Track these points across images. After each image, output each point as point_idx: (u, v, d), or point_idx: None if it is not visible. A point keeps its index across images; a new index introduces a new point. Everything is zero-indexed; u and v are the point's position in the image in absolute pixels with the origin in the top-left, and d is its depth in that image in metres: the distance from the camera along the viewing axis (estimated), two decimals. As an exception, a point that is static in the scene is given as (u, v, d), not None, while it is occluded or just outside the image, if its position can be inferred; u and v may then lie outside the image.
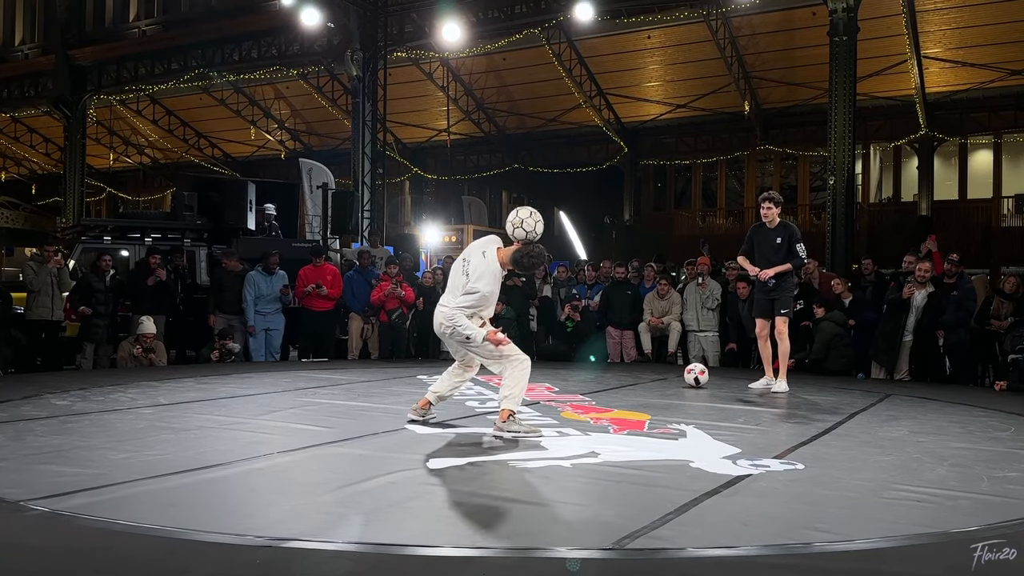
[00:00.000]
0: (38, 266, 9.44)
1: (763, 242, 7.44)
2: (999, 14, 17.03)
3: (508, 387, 4.97)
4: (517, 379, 4.96)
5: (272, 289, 10.35)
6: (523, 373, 4.99)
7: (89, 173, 25.34)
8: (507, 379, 4.98)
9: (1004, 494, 3.71)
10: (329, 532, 2.98)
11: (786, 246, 7.30)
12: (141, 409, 5.85)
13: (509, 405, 4.95)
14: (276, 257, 10.48)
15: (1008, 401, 7.18)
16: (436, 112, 23.98)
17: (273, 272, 10.40)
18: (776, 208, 7.39)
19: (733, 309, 10.14)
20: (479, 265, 4.97)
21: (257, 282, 10.27)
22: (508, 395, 4.96)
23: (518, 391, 4.98)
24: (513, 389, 4.96)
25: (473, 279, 4.94)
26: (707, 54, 19.62)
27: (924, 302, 8.92)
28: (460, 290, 5.01)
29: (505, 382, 4.99)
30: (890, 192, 22.87)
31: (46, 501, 3.30)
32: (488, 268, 4.95)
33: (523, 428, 4.93)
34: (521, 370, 4.98)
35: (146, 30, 21.80)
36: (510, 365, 4.98)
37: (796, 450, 4.66)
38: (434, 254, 20.12)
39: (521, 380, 4.98)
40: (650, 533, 2.99)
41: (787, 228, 7.41)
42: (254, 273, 10.34)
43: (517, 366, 4.98)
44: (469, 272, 5.00)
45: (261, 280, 10.30)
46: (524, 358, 5.05)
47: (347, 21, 17.38)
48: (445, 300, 5.11)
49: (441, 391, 5.37)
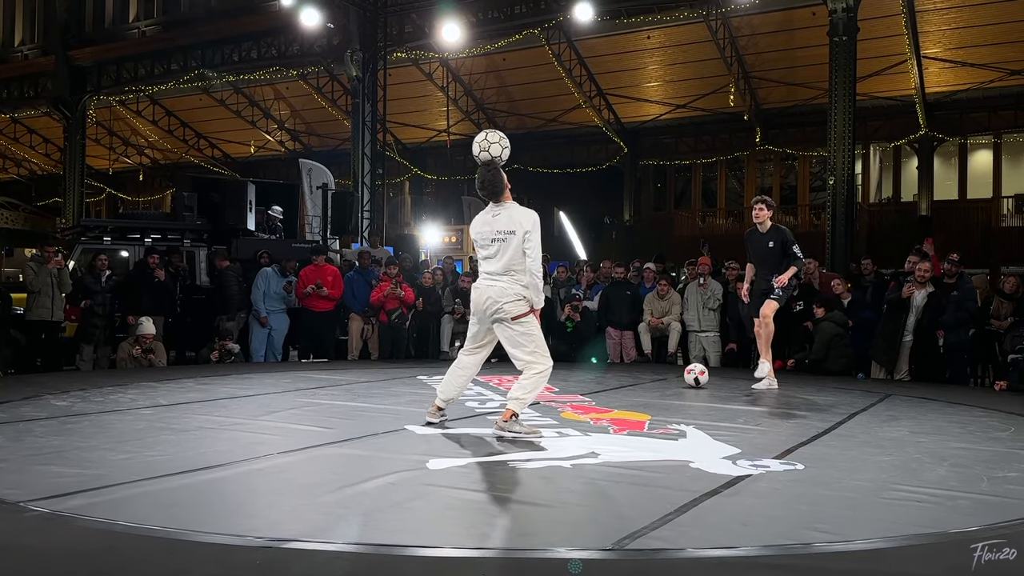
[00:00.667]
0: (38, 267, 9.44)
1: (756, 246, 7.53)
2: (999, 14, 17.04)
3: (521, 389, 4.90)
4: (533, 386, 4.91)
5: (279, 287, 10.52)
6: (541, 381, 4.95)
7: (89, 174, 25.34)
8: (523, 381, 4.92)
9: (1004, 494, 3.71)
10: (329, 533, 2.98)
11: (779, 249, 7.36)
12: (141, 410, 5.84)
13: (515, 407, 4.91)
14: (293, 261, 10.80)
15: (1008, 401, 7.17)
16: (436, 112, 23.98)
17: (289, 274, 10.64)
18: (768, 211, 7.48)
19: (733, 309, 10.15)
20: (535, 237, 4.88)
21: (269, 279, 10.43)
22: (518, 397, 4.90)
23: (528, 397, 4.93)
24: (525, 394, 4.91)
25: (533, 255, 4.86)
26: (707, 54, 19.63)
27: (924, 302, 8.92)
28: (519, 265, 4.86)
29: (520, 382, 4.93)
30: (890, 192, 22.88)
31: (46, 502, 3.29)
32: (536, 224, 4.90)
33: (524, 429, 4.91)
34: (540, 377, 4.93)
35: (146, 31, 21.81)
36: (533, 368, 4.90)
37: (796, 450, 4.65)
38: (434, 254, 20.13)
39: (537, 388, 4.95)
40: (650, 533, 2.99)
41: (779, 231, 7.49)
42: (268, 270, 10.50)
43: (539, 371, 4.91)
44: (527, 250, 4.85)
45: (274, 278, 10.45)
46: (549, 364, 4.97)
47: (347, 21, 17.39)
48: (496, 277, 4.91)
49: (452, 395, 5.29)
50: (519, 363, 4.98)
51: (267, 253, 11.17)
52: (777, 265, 7.37)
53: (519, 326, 4.91)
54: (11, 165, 31.94)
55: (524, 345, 4.92)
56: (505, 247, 4.89)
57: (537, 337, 4.95)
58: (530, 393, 4.93)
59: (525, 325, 4.92)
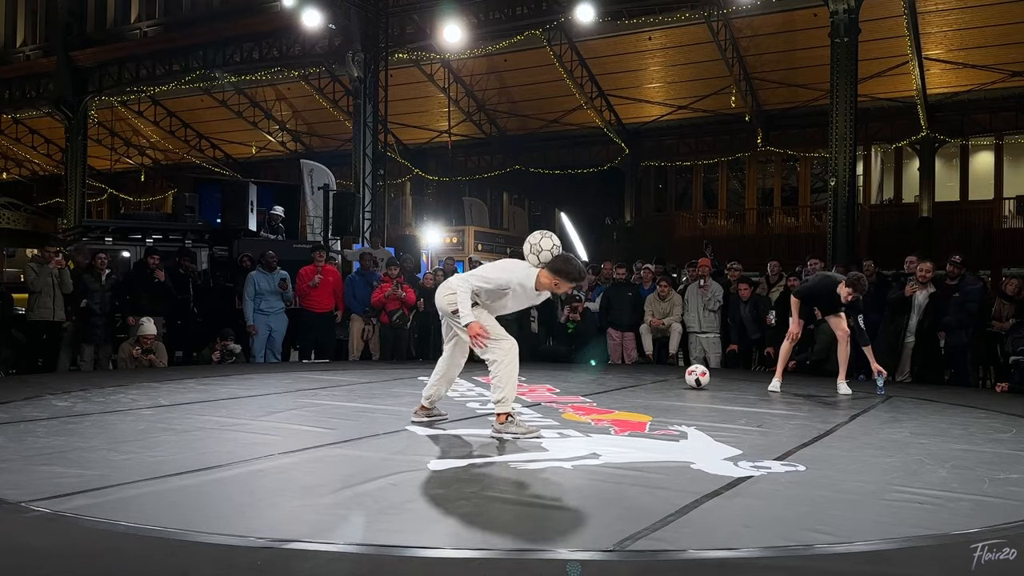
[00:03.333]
0: (39, 267, 9.44)
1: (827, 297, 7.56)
2: (1000, 15, 17.03)
3: (498, 389, 4.90)
4: (505, 379, 4.87)
5: (272, 285, 10.44)
6: (511, 370, 4.88)
7: (90, 174, 25.34)
8: (495, 380, 4.91)
9: (1005, 496, 3.70)
10: (330, 533, 2.98)
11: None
12: (142, 410, 5.85)
13: (503, 408, 4.92)
14: (274, 255, 10.63)
15: (1009, 403, 7.17)
16: (437, 113, 23.98)
17: (273, 270, 10.50)
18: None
19: (735, 311, 10.15)
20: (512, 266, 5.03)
21: (257, 280, 10.35)
22: (500, 399, 4.91)
23: (509, 391, 4.91)
24: (504, 391, 4.89)
25: (496, 270, 5.00)
26: (708, 56, 19.62)
27: (926, 302, 8.92)
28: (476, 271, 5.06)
29: (494, 383, 4.92)
30: (891, 194, 22.87)
31: (47, 502, 3.30)
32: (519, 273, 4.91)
33: (521, 429, 4.90)
34: (508, 367, 4.87)
35: (147, 31, 21.81)
36: (495, 361, 4.87)
37: (797, 452, 4.65)
38: (435, 255, 20.14)
39: (510, 379, 4.89)
40: (651, 535, 2.99)
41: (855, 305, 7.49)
42: (254, 272, 10.42)
43: (504, 362, 4.86)
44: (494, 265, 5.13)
45: (261, 278, 10.38)
46: (509, 348, 4.90)
47: (348, 22, 17.39)
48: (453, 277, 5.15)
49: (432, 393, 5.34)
50: (479, 353, 4.99)
51: (247, 257, 11.10)
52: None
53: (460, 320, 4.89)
54: (12, 166, 31.95)
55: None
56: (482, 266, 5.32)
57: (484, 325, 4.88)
58: (505, 387, 4.88)
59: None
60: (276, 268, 10.54)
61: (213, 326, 10.39)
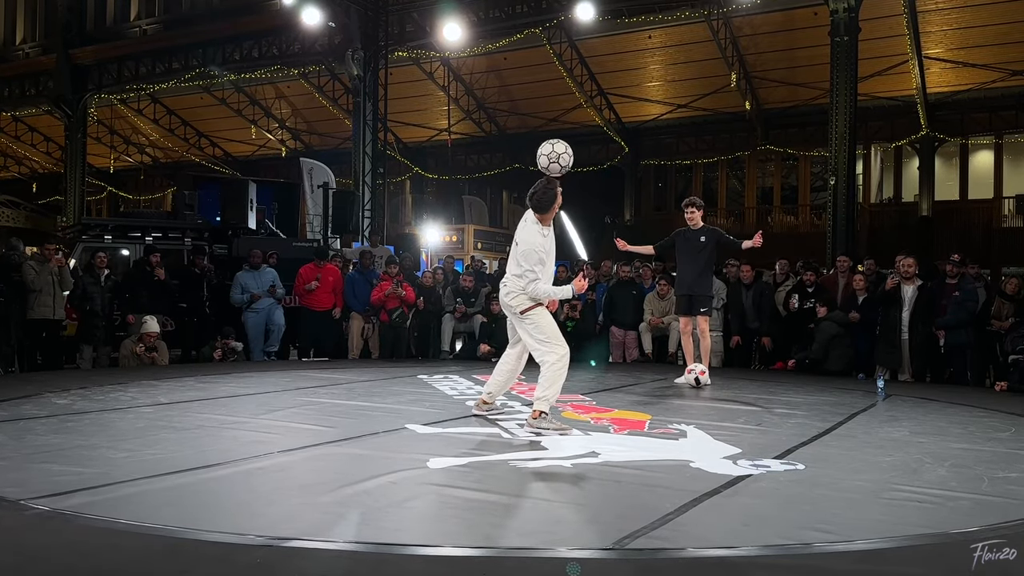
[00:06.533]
0: (39, 265, 9.43)
1: (687, 244, 7.85)
2: (1000, 15, 17.04)
3: (543, 387, 5.11)
4: (552, 381, 5.11)
5: (261, 285, 10.43)
6: (559, 374, 5.13)
7: (90, 172, 25.37)
8: (543, 379, 5.13)
9: (1005, 495, 3.71)
10: (329, 532, 2.98)
11: (711, 245, 7.74)
12: (141, 408, 5.85)
13: (541, 406, 5.09)
14: (259, 254, 10.68)
15: (1009, 402, 7.17)
16: (437, 112, 23.98)
17: (258, 267, 10.50)
18: (699, 212, 7.86)
19: (735, 301, 10.17)
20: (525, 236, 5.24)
21: (244, 281, 10.35)
22: (542, 396, 5.11)
23: (551, 393, 5.12)
24: (548, 391, 5.10)
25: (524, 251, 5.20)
26: (708, 54, 19.63)
27: (915, 296, 8.93)
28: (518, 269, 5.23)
29: (541, 382, 5.15)
30: (891, 192, 22.87)
31: (46, 500, 3.30)
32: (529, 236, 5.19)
33: (553, 426, 5.05)
34: (555, 368, 5.11)
35: (147, 29, 21.82)
36: (546, 359, 5.13)
37: (797, 450, 4.65)
38: (435, 254, 20.12)
39: (556, 382, 5.13)
40: (650, 533, 2.99)
41: (713, 231, 7.91)
42: (241, 273, 10.44)
43: (552, 362, 5.11)
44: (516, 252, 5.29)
45: (248, 278, 10.38)
46: (563, 355, 5.16)
47: (348, 21, 17.38)
48: (508, 278, 5.33)
49: (493, 389, 5.64)
50: (536, 355, 5.25)
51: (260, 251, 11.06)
52: (707, 261, 7.78)
53: (527, 321, 5.22)
54: (12, 163, 31.95)
55: (533, 335, 5.22)
56: (513, 253, 5.39)
57: (545, 327, 5.21)
58: (551, 387, 5.12)
59: (532, 318, 5.21)
60: (261, 266, 10.54)
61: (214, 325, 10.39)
